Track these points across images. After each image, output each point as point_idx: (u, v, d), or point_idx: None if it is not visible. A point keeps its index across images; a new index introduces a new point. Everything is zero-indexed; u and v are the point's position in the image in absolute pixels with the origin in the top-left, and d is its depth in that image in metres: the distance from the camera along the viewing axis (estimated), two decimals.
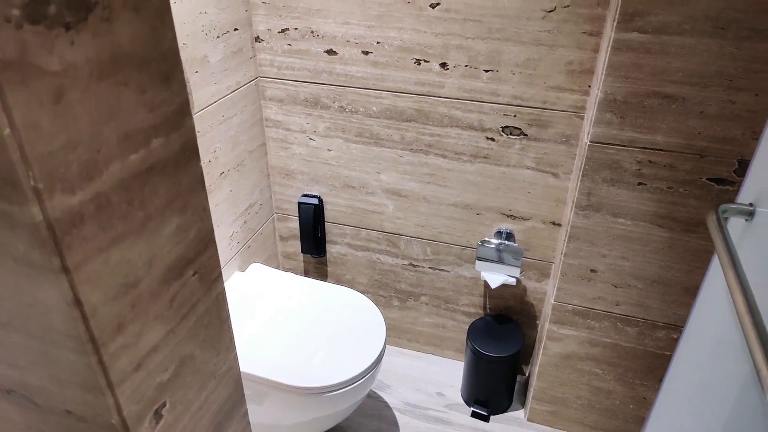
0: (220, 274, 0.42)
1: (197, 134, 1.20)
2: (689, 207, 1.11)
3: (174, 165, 0.38)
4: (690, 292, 1.19)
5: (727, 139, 1.04)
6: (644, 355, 1.30)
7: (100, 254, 0.30)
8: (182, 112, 0.39)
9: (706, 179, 1.08)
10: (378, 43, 1.29)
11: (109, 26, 0.33)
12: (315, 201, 1.55)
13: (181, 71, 0.40)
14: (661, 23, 0.97)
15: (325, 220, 1.60)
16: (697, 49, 0.98)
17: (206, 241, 0.41)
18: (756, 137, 1.01)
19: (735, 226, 0.87)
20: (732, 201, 0.90)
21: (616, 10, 1.00)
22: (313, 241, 1.59)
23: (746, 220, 0.79)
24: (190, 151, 0.40)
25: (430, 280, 1.60)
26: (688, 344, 1.03)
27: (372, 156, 1.45)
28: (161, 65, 0.37)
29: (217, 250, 0.41)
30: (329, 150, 1.48)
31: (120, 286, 0.31)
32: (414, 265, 1.59)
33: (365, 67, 1.33)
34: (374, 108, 1.38)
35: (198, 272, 0.39)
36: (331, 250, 1.65)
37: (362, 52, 1.32)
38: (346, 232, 1.60)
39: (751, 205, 0.78)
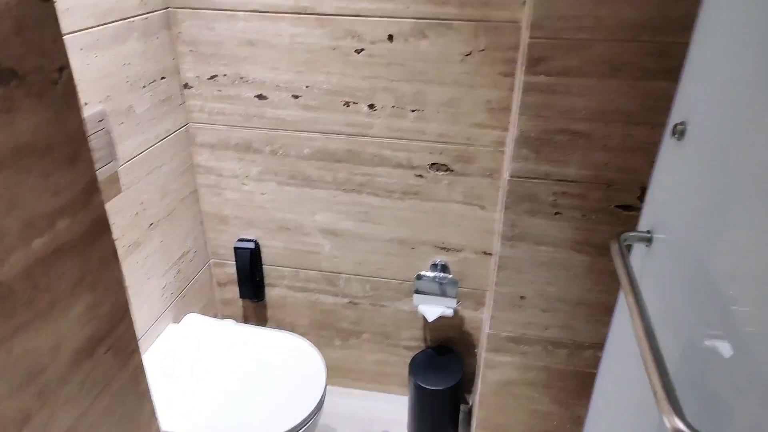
0: (137, 347, 0.42)
1: (122, 188, 1.18)
2: (602, 232, 1.19)
3: (83, 243, 0.39)
4: (610, 311, 1.26)
5: (629, 169, 1.13)
6: (575, 375, 1.36)
7: (2, 346, 0.30)
8: (89, 190, 0.40)
9: (615, 206, 1.17)
10: (307, 87, 1.33)
11: (9, 117, 0.34)
12: (251, 245, 1.54)
13: (88, 150, 0.40)
14: (564, 67, 1.06)
15: (263, 263, 1.59)
16: (598, 89, 1.07)
17: (120, 315, 0.41)
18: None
19: (639, 250, 0.95)
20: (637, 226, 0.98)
21: (524, 55, 1.08)
22: (251, 285, 1.58)
23: (646, 246, 0.86)
24: (100, 227, 0.41)
25: (371, 316, 1.61)
26: (608, 361, 1.10)
27: (306, 197, 1.47)
28: (66, 148, 0.38)
29: (132, 322, 0.42)
30: (263, 194, 1.48)
31: (24, 376, 0.31)
32: (354, 303, 1.60)
33: (296, 110, 1.36)
34: (306, 150, 1.40)
35: (112, 348, 0.39)
36: (271, 293, 1.64)
37: (292, 96, 1.34)
38: (284, 274, 1.60)
39: (648, 232, 0.85)
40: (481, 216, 1.39)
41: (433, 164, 1.36)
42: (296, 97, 1.34)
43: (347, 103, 1.33)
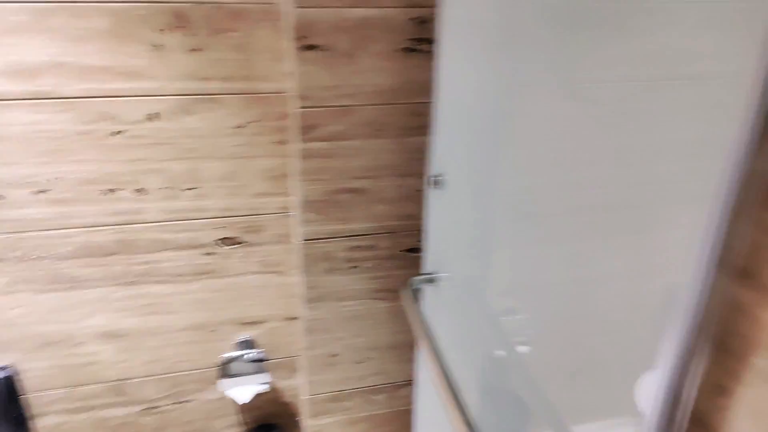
0: None
1: None
2: (396, 277, 1.28)
3: None
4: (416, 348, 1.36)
5: (408, 215, 1.24)
6: (397, 416, 1.42)
7: None
8: None
9: (402, 251, 1.27)
10: (57, 179, 1.15)
11: None
12: (5, 373, 1.25)
13: None
14: (334, 132, 1.13)
15: (24, 392, 1.30)
16: (366, 149, 1.16)
17: None
18: None
19: (430, 288, 1.04)
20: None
21: (296, 124, 1.12)
22: (9, 424, 1.27)
23: (433, 285, 0.95)
24: None
25: (176, 417, 1.44)
26: (420, 394, 1.17)
27: (73, 302, 1.25)
28: None
29: None
30: (13, 308, 1.22)
31: None
32: (153, 408, 1.41)
33: (44, 207, 1.16)
34: (65, 249, 1.21)
35: None
36: (41, 425, 1.34)
37: (38, 191, 1.15)
38: (55, 398, 1.33)
39: (432, 272, 0.95)
40: (281, 282, 1.37)
41: (221, 239, 1.30)
42: (43, 191, 1.15)
43: (110, 191, 1.19)
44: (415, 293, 0.93)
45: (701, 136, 0.60)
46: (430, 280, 0.97)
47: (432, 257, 1.08)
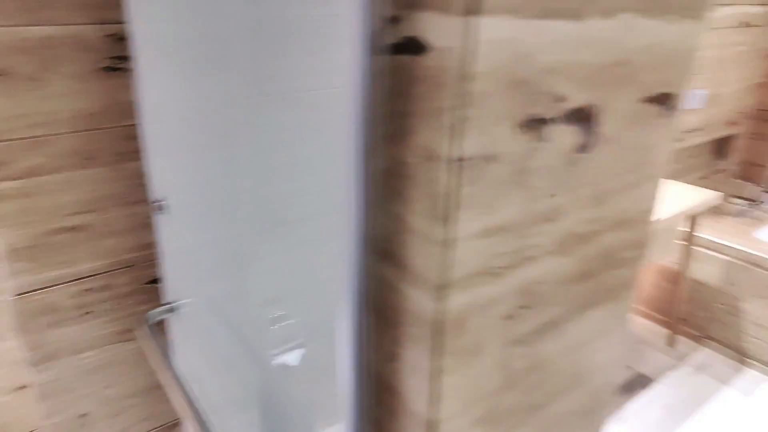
0: None
1: None
2: (142, 313, 1.18)
3: None
4: None
5: (145, 245, 1.15)
6: None
7: None
8: None
9: (146, 283, 1.18)
10: None
11: None
12: None
13: None
14: (29, 167, 0.98)
15: None
16: (78, 181, 1.04)
17: None
18: None
19: (178, 319, 0.99)
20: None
21: None
22: None
23: (177, 314, 0.91)
24: None
25: None
26: (189, 428, 1.12)
27: None
28: None
29: None
30: None
31: None
32: None
33: None
34: None
35: None
36: None
37: None
38: None
39: (172, 302, 0.90)
40: None
41: None
42: None
43: None
44: (157, 327, 0.87)
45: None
46: (171, 310, 0.92)
47: (172, 285, 1.02)
